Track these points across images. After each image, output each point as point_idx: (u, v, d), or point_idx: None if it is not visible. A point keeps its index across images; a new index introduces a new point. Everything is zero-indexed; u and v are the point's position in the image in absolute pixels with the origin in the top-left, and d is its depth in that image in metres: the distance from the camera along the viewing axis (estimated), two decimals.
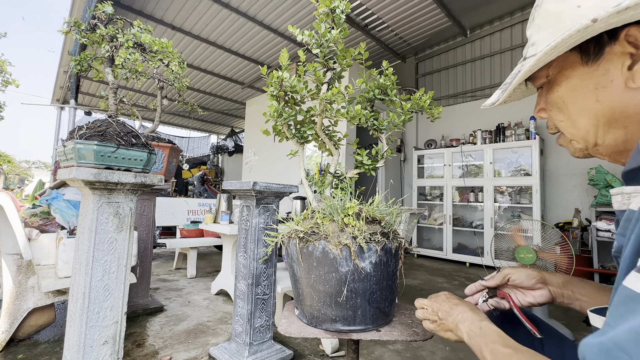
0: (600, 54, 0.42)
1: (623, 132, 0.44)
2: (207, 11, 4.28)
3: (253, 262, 1.65)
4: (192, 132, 10.75)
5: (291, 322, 0.87)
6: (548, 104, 0.52)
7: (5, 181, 11.74)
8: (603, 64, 0.42)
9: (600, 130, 0.45)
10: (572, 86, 0.46)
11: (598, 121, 0.45)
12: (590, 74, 0.44)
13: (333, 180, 1.00)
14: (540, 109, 0.55)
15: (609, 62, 0.42)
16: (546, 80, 0.51)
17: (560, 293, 0.67)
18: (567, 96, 0.47)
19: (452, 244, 4.73)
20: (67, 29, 1.63)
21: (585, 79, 0.44)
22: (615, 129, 0.44)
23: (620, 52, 0.41)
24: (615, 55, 0.41)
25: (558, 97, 0.49)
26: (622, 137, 0.44)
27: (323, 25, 0.89)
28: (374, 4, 4.03)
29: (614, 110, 0.43)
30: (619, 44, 0.40)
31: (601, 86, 0.43)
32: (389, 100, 1.02)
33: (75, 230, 1.94)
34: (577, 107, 0.46)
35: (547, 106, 0.52)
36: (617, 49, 0.41)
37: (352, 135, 4.51)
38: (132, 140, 1.27)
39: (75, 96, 5.72)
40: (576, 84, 0.46)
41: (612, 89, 0.42)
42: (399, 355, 1.86)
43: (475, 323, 0.56)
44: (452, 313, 0.62)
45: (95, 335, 1.22)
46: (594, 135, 0.46)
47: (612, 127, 0.44)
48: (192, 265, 3.51)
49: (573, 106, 0.47)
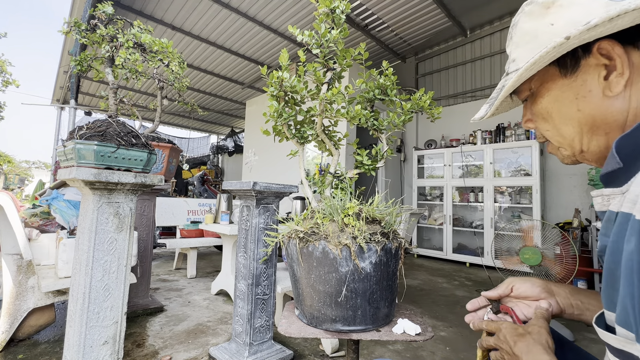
0: (576, 67, 0.46)
1: (605, 139, 0.46)
2: (207, 11, 4.28)
3: (253, 262, 1.65)
4: (192, 132, 10.76)
5: (291, 322, 0.87)
6: (534, 114, 0.55)
7: (5, 181, 11.75)
8: (580, 76, 0.45)
9: (585, 138, 0.48)
10: (553, 97, 0.49)
11: (581, 129, 0.48)
12: (570, 85, 0.47)
13: (333, 180, 1.00)
14: (527, 120, 0.57)
15: (586, 73, 0.45)
16: (529, 93, 0.54)
17: (569, 304, 0.63)
18: (550, 107, 0.50)
19: (452, 244, 4.73)
20: (67, 29, 1.63)
21: (565, 90, 0.47)
22: (598, 135, 0.47)
23: (595, 64, 0.44)
24: (591, 67, 0.44)
25: (542, 108, 0.52)
26: (604, 143, 0.47)
27: (323, 25, 0.89)
28: (374, 4, 4.03)
29: (595, 118, 0.45)
30: (593, 57, 0.44)
31: (581, 96, 0.46)
32: (389, 101, 1.02)
33: (75, 230, 1.94)
34: (560, 116, 0.49)
35: (533, 117, 0.55)
36: (591, 61, 0.44)
37: (352, 135, 4.52)
38: (132, 141, 1.27)
39: (76, 96, 5.72)
40: (557, 95, 0.49)
41: (591, 98, 0.45)
42: (399, 355, 1.86)
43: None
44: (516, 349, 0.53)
45: (95, 335, 1.22)
46: (579, 142, 0.49)
47: (595, 134, 0.47)
48: (192, 265, 3.51)
49: (557, 116, 0.50)
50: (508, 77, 0.53)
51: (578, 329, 2.28)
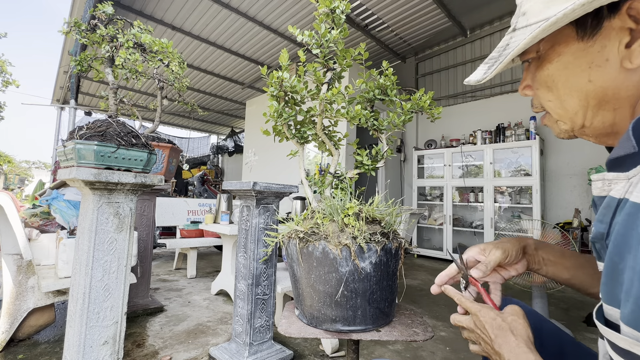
0: (598, 29, 0.39)
1: (612, 115, 0.42)
2: (207, 11, 4.28)
3: (253, 262, 1.65)
4: (192, 132, 10.76)
5: (291, 322, 0.87)
6: (536, 81, 0.48)
7: (5, 181, 11.74)
8: (600, 40, 0.39)
9: (590, 112, 0.43)
10: (563, 64, 0.43)
11: (588, 102, 0.43)
12: (585, 50, 0.40)
13: (333, 181, 1.00)
14: (526, 86, 0.51)
15: (606, 38, 0.39)
16: (536, 55, 0.47)
17: (533, 259, 0.65)
18: (557, 74, 0.44)
19: (452, 244, 4.73)
20: (67, 29, 1.63)
21: (579, 57, 0.41)
22: (605, 110, 0.42)
23: (619, 27, 0.38)
24: (614, 31, 0.38)
25: (548, 75, 0.45)
26: (610, 119, 0.42)
27: (323, 25, 0.89)
28: (374, 4, 4.03)
29: (606, 91, 0.41)
30: (619, 18, 0.37)
31: (595, 65, 0.40)
32: (389, 101, 1.02)
33: (75, 230, 1.94)
34: (567, 86, 0.43)
35: (535, 84, 0.49)
36: (616, 23, 0.38)
37: (352, 135, 4.52)
38: (132, 141, 1.27)
39: (76, 96, 5.72)
40: (569, 61, 0.42)
41: (606, 69, 0.40)
42: (399, 355, 1.86)
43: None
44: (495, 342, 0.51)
45: (95, 336, 1.22)
46: (582, 116, 0.44)
47: (602, 109, 0.42)
48: (192, 266, 3.51)
49: (563, 86, 0.44)
50: (515, 34, 0.45)
51: (578, 329, 2.28)
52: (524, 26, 0.43)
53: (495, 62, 0.47)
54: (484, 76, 0.48)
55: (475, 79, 0.50)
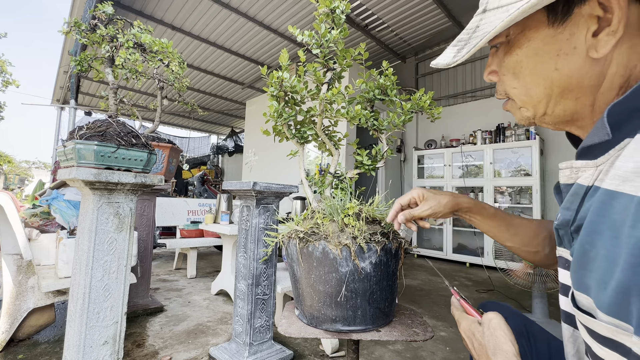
0: (568, 15, 0.39)
1: (573, 104, 0.42)
2: (207, 11, 4.28)
3: (253, 262, 1.65)
4: (192, 132, 10.76)
5: (291, 323, 0.87)
6: (503, 67, 0.47)
7: (5, 181, 11.74)
8: (569, 27, 0.39)
9: (552, 101, 0.43)
10: (533, 50, 0.42)
11: (552, 91, 0.42)
12: (555, 37, 0.40)
13: (333, 181, 1.00)
14: (491, 71, 0.50)
15: (575, 25, 0.39)
16: (505, 40, 0.45)
17: (461, 216, 0.74)
18: (526, 61, 0.43)
19: (452, 244, 4.73)
20: (67, 29, 1.63)
21: (548, 43, 0.41)
22: (567, 99, 0.42)
23: (588, 15, 0.38)
24: (583, 18, 0.38)
25: (516, 61, 0.44)
26: (571, 108, 0.43)
27: (323, 25, 0.89)
28: (374, 4, 4.03)
29: (571, 80, 0.40)
30: (588, 5, 0.37)
31: (563, 53, 0.40)
32: (389, 101, 1.02)
33: (75, 230, 1.94)
34: (534, 74, 0.43)
35: (501, 70, 0.47)
36: (585, 10, 0.38)
37: (352, 135, 4.52)
38: (132, 141, 1.27)
39: (76, 96, 5.72)
40: (538, 47, 0.42)
41: (573, 57, 0.39)
42: (399, 355, 1.86)
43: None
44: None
45: (95, 336, 1.22)
46: (545, 105, 0.44)
47: (564, 98, 0.42)
48: (192, 266, 3.51)
49: (530, 73, 0.43)
50: (486, 15, 0.44)
51: None
52: (496, 7, 0.42)
53: (466, 45, 0.45)
54: (454, 59, 0.47)
55: (445, 62, 0.48)
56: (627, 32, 0.37)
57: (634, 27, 0.37)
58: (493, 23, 0.41)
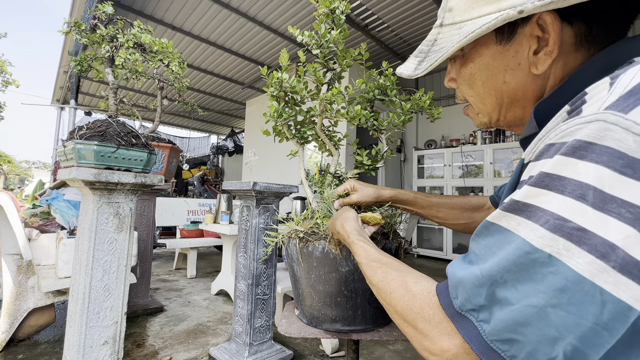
0: (513, 35, 0.43)
1: (521, 111, 0.47)
2: (207, 11, 4.28)
3: (253, 262, 1.65)
4: (192, 132, 10.75)
5: (291, 323, 0.87)
6: (459, 77, 0.52)
7: (5, 181, 11.74)
8: (514, 45, 0.43)
9: (504, 109, 0.48)
10: (484, 64, 0.47)
11: (503, 101, 0.47)
12: (502, 54, 0.44)
13: (333, 181, 1.00)
14: (451, 79, 0.54)
15: (519, 43, 0.43)
16: (461, 53, 0.50)
17: (397, 206, 0.89)
18: (478, 74, 0.48)
19: (452, 244, 4.73)
20: (67, 29, 1.63)
21: (497, 59, 0.45)
22: (516, 108, 0.47)
23: (529, 34, 0.41)
24: (525, 37, 0.42)
25: (470, 74, 0.49)
26: (520, 114, 0.48)
27: (323, 25, 0.89)
28: (374, 4, 4.03)
29: (517, 92, 0.45)
30: (529, 26, 0.41)
31: (510, 68, 0.44)
32: (389, 101, 1.02)
33: (75, 230, 1.94)
34: (486, 85, 0.48)
35: (459, 79, 0.52)
36: (527, 30, 0.41)
37: (352, 135, 4.52)
38: (132, 141, 1.27)
39: (76, 96, 5.72)
40: (488, 62, 0.46)
41: (518, 72, 0.44)
42: (399, 355, 1.86)
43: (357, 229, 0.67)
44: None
45: (95, 336, 1.22)
46: (497, 112, 0.49)
47: (513, 107, 0.47)
48: (192, 266, 3.51)
49: (483, 85, 0.48)
50: (442, 30, 0.48)
51: None
52: (451, 23, 0.47)
53: (426, 58, 0.50)
54: (415, 72, 0.51)
55: (407, 73, 0.53)
56: (562, 51, 0.41)
57: (568, 46, 0.41)
58: (448, 43, 0.46)
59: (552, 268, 0.28)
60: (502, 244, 0.32)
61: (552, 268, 0.28)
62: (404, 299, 0.43)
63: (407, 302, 0.42)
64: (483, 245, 0.35)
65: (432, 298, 0.40)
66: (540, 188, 0.31)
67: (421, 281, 0.44)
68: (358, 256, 0.58)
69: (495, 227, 0.34)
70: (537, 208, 0.30)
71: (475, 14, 0.42)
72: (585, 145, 0.28)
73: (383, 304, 0.48)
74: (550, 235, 0.28)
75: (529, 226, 0.30)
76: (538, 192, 0.31)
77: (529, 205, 0.31)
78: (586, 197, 0.27)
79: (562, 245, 0.28)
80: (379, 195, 0.86)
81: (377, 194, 0.86)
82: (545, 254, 0.28)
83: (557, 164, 0.30)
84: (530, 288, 0.29)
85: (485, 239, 0.35)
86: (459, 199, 0.85)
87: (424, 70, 0.49)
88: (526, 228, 0.30)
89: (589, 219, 0.27)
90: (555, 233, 0.28)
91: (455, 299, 0.36)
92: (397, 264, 0.51)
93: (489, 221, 0.35)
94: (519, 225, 0.31)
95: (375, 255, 0.55)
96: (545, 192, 0.30)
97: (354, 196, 0.86)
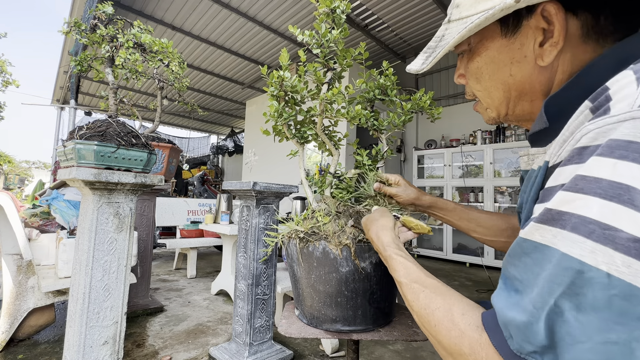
0: (518, 27, 0.43)
1: (530, 105, 0.47)
2: (207, 11, 4.28)
3: (253, 262, 1.65)
4: (192, 132, 10.75)
5: (291, 323, 0.87)
6: (467, 72, 0.52)
7: (5, 181, 11.74)
8: (519, 38, 0.43)
9: (512, 103, 0.48)
10: (490, 58, 0.47)
11: (510, 94, 0.47)
12: (508, 47, 0.44)
13: (333, 181, 1.00)
14: (460, 75, 0.55)
15: (525, 36, 0.43)
16: (468, 47, 0.50)
17: (430, 212, 0.86)
18: (485, 68, 0.48)
19: (452, 244, 4.73)
20: (67, 29, 1.63)
21: (502, 52, 0.45)
22: (524, 101, 0.47)
23: (535, 27, 0.41)
24: (531, 30, 0.42)
25: (477, 67, 0.49)
26: (528, 109, 0.47)
27: (323, 25, 0.89)
28: (374, 4, 4.03)
29: (524, 85, 0.45)
30: (534, 18, 0.41)
31: (515, 61, 0.44)
32: (389, 101, 1.02)
33: (75, 230, 1.94)
34: (493, 79, 0.48)
35: (467, 74, 0.53)
36: (532, 22, 0.41)
37: (352, 135, 4.51)
38: (132, 141, 1.27)
39: (76, 96, 5.72)
40: (494, 56, 0.46)
41: (524, 65, 0.44)
42: (399, 355, 1.85)
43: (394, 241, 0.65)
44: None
45: (95, 336, 1.22)
46: (505, 107, 0.49)
47: (521, 100, 0.47)
48: (192, 266, 3.51)
49: (490, 78, 0.48)
50: (450, 25, 0.49)
51: None
52: (457, 19, 0.47)
53: (433, 53, 0.50)
54: (422, 66, 0.52)
55: (415, 68, 0.53)
56: (569, 43, 0.40)
57: (575, 38, 0.40)
58: (453, 34, 0.46)
59: (616, 290, 0.24)
60: (542, 263, 0.29)
61: (615, 290, 0.24)
62: (450, 335, 0.38)
63: (455, 339, 0.37)
64: (521, 267, 0.31)
65: (481, 335, 0.35)
66: (576, 193, 0.28)
67: (468, 312, 0.39)
68: (396, 273, 0.54)
69: (529, 243, 0.31)
70: (577, 216, 0.27)
71: (480, 7, 0.42)
72: (625, 145, 0.26)
73: (426, 333, 0.44)
74: (602, 249, 0.25)
75: (568, 237, 0.27)
76: (574, 197, 0.28)
77: (564, 213, 0.28)
78: (635, 202, 0.24)
79: (621, 261, 0.24)
80: (419, 198, 0.84)
81: (417, 197, 0.84)
82: (603, 273, 0.25)
83: (593, 166, 0.27)
84: (596, 319, 0.24)
85: (521, 259, 0.31)
86: (500, 217, 0.79)
87: (430, 63, 0.50)
88: (564, 240, 0.27)
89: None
90: (607, 246, 0.25)
91: (510, 339, 0.31)
92: (441, 287, 0.46)
93: (522, 237, 0.32)
94: (555, 238, 0.28)
95: (416, 275, 0.50)
96: (582, 196, 0.27)
97: (394, 189, 0.85)
